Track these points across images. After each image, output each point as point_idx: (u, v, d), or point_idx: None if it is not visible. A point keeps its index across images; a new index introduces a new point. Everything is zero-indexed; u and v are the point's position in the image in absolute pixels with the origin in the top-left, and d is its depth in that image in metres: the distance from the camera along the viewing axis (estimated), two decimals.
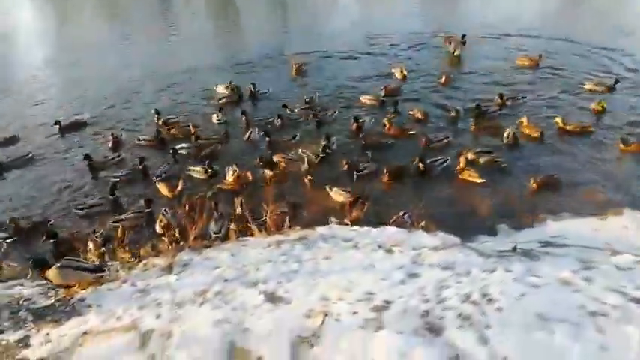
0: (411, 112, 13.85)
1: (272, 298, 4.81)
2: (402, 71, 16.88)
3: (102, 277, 5.63)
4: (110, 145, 13.33)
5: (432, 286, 4.82)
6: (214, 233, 8.28)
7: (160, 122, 14.16)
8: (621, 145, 11.50)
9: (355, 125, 12.84)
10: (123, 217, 9.76)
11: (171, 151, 12.23)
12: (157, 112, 14.45)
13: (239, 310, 4.60)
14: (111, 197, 10.56)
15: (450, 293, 4.62)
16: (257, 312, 4.53)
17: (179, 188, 10.52)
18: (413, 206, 8.67)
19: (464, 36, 18.61)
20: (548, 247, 6.71)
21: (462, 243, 6.45)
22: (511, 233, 8.48)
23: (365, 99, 15.05)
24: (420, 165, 10.72)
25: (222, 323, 4.32)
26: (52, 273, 5.25)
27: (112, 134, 13.53)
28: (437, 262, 5.48)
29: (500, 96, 14.23)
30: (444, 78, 16.14)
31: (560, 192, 9.96)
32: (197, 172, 11.33)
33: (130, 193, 11.10)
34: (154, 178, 11.20)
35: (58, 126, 14.47)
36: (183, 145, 12.70)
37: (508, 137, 12.03)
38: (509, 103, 14.16)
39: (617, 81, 14.92)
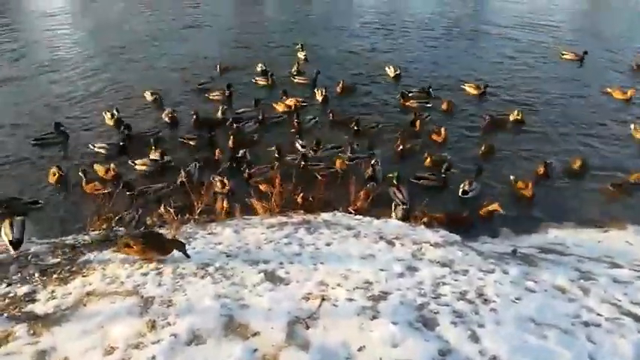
0: None
1: (272, 278, 4.90)
2: None
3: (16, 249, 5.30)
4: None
5: (429, 281, 4.90)
6: None
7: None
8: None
9: None
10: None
11: None
12: None
13: (239, 286, 4.70)
14: None
15: (447, 290, 4.69)
16: (256, 290, 4.63)
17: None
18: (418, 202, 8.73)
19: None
20: (549, 253, 6.76)
21: (462, 242, 6.51)
22: (512, 237, 8.53)
23: None
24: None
25: (222, 297, 4.42)
26: None
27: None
28: (436, 259, 5.56)
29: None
30: None
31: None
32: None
33: None
34: None
35: None
36: None
37: None
38: None
39: None
